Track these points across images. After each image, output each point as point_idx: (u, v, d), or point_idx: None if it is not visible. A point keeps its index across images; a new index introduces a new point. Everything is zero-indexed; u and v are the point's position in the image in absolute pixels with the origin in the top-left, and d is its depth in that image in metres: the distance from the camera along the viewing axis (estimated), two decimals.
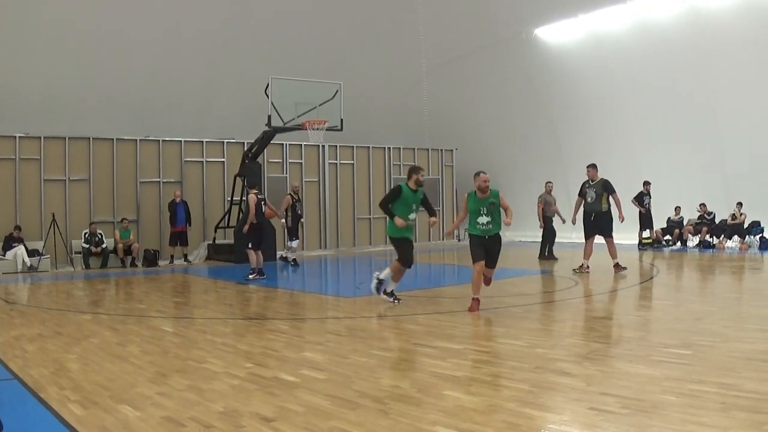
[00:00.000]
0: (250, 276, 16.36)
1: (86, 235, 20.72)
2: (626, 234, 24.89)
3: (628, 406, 5.62)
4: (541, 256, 20.30)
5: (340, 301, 13.49)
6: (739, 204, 22.19)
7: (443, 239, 29.45)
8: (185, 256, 22.38)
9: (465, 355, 7.83)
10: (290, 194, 20.19)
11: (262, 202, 17.03)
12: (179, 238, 22.15)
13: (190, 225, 22.31)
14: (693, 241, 23.63)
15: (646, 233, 23.74)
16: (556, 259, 19.83)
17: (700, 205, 23.10)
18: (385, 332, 9.41)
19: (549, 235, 20.35)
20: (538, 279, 15.71)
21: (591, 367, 7.04)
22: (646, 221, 23.58)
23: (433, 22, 26.98)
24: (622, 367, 6.99)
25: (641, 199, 23.40)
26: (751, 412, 5.38)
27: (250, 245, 16.72)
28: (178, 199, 22.13)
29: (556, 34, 26.06)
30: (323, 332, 9.70)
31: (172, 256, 22.09)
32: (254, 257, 16.62)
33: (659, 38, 22.98)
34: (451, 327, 9.58)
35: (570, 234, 22.80)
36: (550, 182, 20.89)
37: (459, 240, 30.50)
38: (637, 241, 24.01)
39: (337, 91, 21.57)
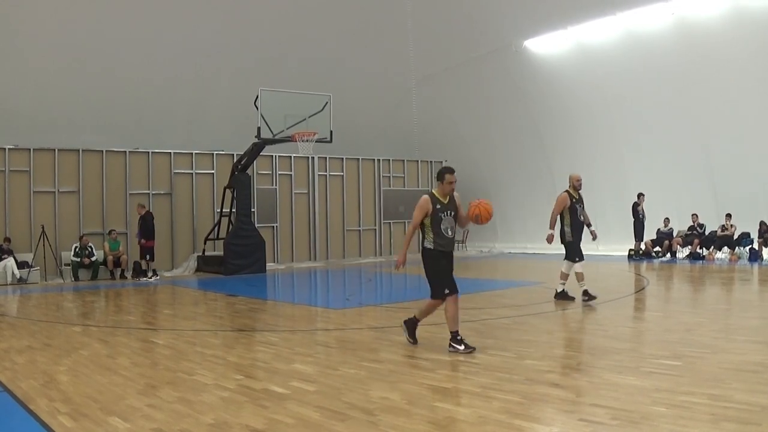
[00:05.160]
0: None
1: (76, 249, 20.63)
2: (616, 245, 25.07)
3: (617, 417, 5.65)
4: None
5: (329, 312, 13.48)
6: (729, 215, 22.26)
7: None
8: (153, 272, 21.21)
9: (455, 366, 7.83)
10: (568, 191, 13.24)
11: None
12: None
13: (142, 240, 20.83)
14: (682, 252, 23.68)
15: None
16: None
17: (692, 215, 23.17)
18: (374, 344, 9.38)
19: None
20: (528, 290, 15.66)
21: (580, 378, 7.10)
22: (639, 232, 23.74)
23: (423, 33, 27.09)
24: (611, 378, 7.00)
25: (636, 210, 23.57)
26: (740, 423, 5.42)
27: None
28: (140, 212, 21.18)
29: (546, 45, 26.17)
30: (313, 344, 9.70)
31: (153, 270, 21.20)
32: None
33: (648, 50, 23.09)
34: (441, 339, 9.56)
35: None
36: None
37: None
38: (626, 253, 24.15)
39: (326, 102, 21.63)
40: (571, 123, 26.80)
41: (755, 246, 21.91)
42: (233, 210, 22.24)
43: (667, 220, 24.06)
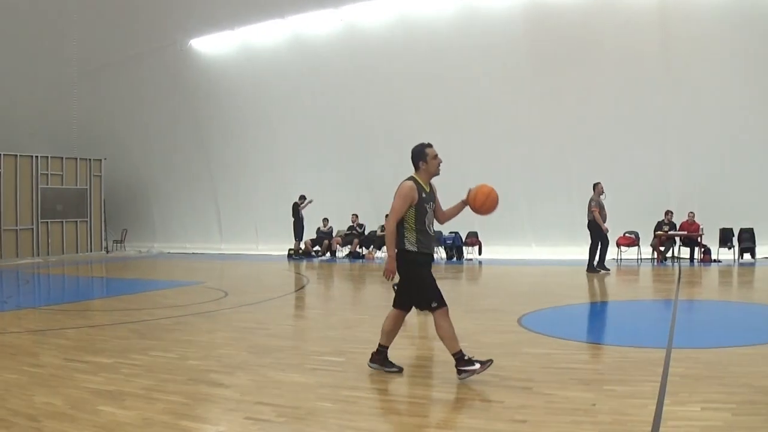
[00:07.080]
0: None
1: None
2: (276, 245, 25.87)
3: (283, 414, 5.91)
4: (590, 268, 17.75)
5: None
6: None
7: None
8: None
9: (116, 368, 7.72)
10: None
11: None
12: None
13: None
14: (342, 251, 24.96)
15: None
16: (608, 270, 17.77)
17: (352, 215, 24.53)
18: (34, 348, 9.15)
19: (604, 243, 17.94)
20: (188, 290, 15.85)
21: (244, 377, 7.28)
22: (299, 232, 24.60)
23: (85, 27, 26.30)
24: (275, 376, 7.27)
25: (297, 211, 24.36)
26: (406, 415, 5.87)
27: None
28: None
29: (212, 45, 26.50)
30: None
31: None
32: None
33: (315, 54, 24.16)
34: (101, 341, 9.50)
35: None
36: (599, 183, 18.01)
37: (108, 252, 30.06)
38: (286, 252, 25.07)
39: None
40: (233, 124, 27.31)
41: None
42: None
43: (326, 221, 25.21)
